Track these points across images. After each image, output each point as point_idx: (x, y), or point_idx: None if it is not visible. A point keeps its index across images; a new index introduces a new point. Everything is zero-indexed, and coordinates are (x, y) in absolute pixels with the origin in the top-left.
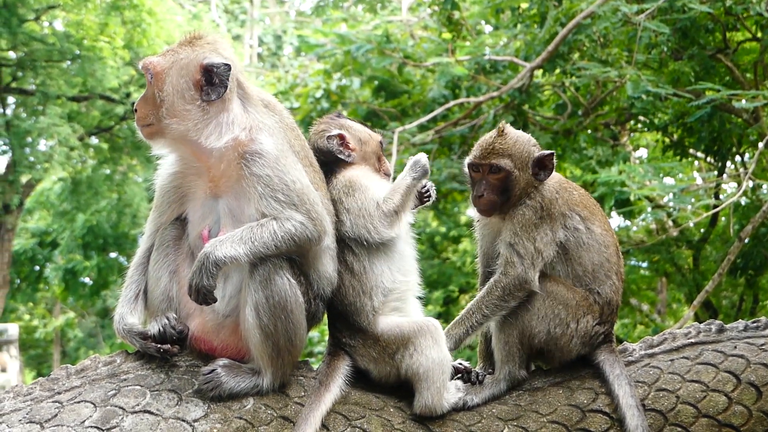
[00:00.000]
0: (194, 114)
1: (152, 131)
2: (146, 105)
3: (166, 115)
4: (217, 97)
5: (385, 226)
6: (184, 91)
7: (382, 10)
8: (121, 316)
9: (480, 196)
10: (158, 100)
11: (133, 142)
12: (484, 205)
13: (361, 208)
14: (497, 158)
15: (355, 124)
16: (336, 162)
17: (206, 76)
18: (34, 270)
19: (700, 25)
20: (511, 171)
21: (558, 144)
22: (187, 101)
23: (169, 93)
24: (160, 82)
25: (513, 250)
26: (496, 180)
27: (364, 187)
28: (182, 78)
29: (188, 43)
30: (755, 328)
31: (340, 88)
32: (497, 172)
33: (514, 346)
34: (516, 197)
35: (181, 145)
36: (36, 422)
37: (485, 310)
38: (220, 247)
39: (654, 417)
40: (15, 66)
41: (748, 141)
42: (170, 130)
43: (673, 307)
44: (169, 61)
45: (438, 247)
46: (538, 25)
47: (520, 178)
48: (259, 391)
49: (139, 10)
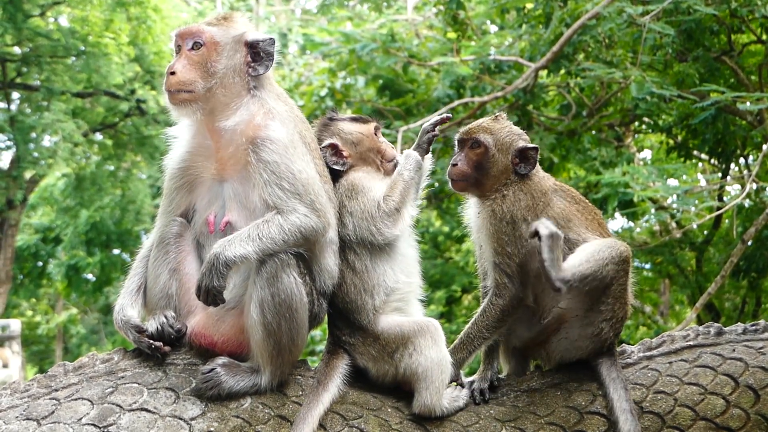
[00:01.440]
0: (236, 89)
1: (189, 98)
2: (192, 71)
3: (218, 86)
4: (264, 71)
5: (388, 226)
6: (237, 65)
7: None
8: (122, 307)
9: (454, 165)
10: (211, 70)
11: (137, 138)
12: (456, 174)
13: (364, 211)
14: (480, 134)
15: (346, 125)
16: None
17: (252, 52)
18: (37, 266)
19: (705, 27)
20: (490, 148)
21: (562, 144)
22: (236, 76)
23: (225, 66)
24: (216, 53)
25: (501, 271)
26: (474, 155)
27: (366, 189)
28: (238, 54)
29: (224, 20)
30: (754, 331)
31: (344, 87)
32: (476, 147)
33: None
34: (490, 180)
35: (205, 118)
36: (33, 419)
37: (486, 333)
38: (229, 247)
39: (652, 419)
40: (20, 61)
41: (753, 143)
42: (213, 102)
43: (676, 309)
44: (224, 34)
45: (441, 246)
46: (543, 25)
47: (497, 160)
48: (258, 390)
49: (145, 7)
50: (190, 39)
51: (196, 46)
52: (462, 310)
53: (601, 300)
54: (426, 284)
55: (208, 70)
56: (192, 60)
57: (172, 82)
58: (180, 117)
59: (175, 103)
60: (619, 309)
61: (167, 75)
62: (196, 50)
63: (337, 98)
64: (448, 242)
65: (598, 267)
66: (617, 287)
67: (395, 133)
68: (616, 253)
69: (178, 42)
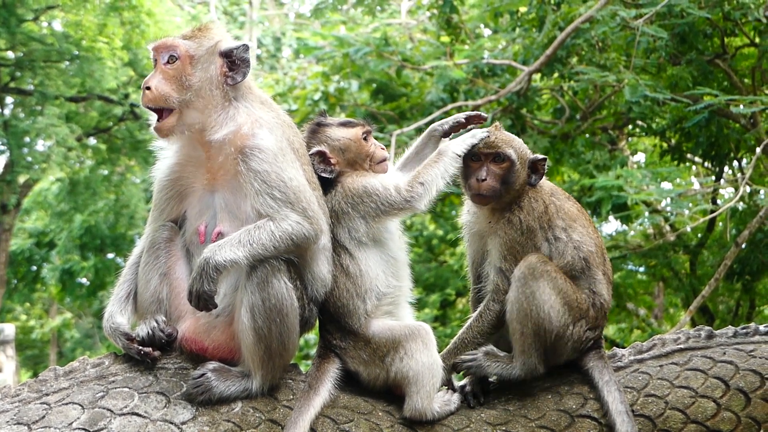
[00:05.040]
0: (213, 100)
1: (169, 117)
2: (167, 85)
3: (193, 98)
4: (242, 78)
5: (412, 201)
6: (213, 77)
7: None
8: (111, 314)
9: (483, 180)
10: (185, 83)
11: (131, 143)
12: (487, 189)
13: (380, 204)
14: (504, 147)
15: (333, 132)
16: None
17: (228, 61)
18: (31, 270)
19: (698, 31)
20: (515, 162)
21: (556, 148)
22: (213, 87)
23: (200, 78)
24: (190, 66)
25: (504, 277)
26: (500, 169)
27: (371, 187)
28: (213, 65)
29: (199, 31)
30: (745, 334)
31: (338, 91)
32: (502, 162)
33: (530, 337)
34: (512, 193)
35: (189, 132)
36: (24, 424)
37: (480, 338)
38: (219, 252)
39: (642, 423)
40: (13, 66)
41: (746, 146)
42: (192, 115)
43: (670, 312)
44: (198, 46)
45: (435, 250)
46: (536, 29)
47: (520, 173)
48: (249, 395)
49: (138, 11)
50: (165, 53)
51: (171, 60)
52: (456, 314)
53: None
54: (420, 288)
55: (183, 84)
56: (167, 74)
57: (147, 96)
58: (166, 136)
59: (159, 126)
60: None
61: (143, 90)
62: (171, 63)
63: (330, 102)
64: (442, 246)
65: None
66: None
67: (389, 137)
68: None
69: (155, 56)
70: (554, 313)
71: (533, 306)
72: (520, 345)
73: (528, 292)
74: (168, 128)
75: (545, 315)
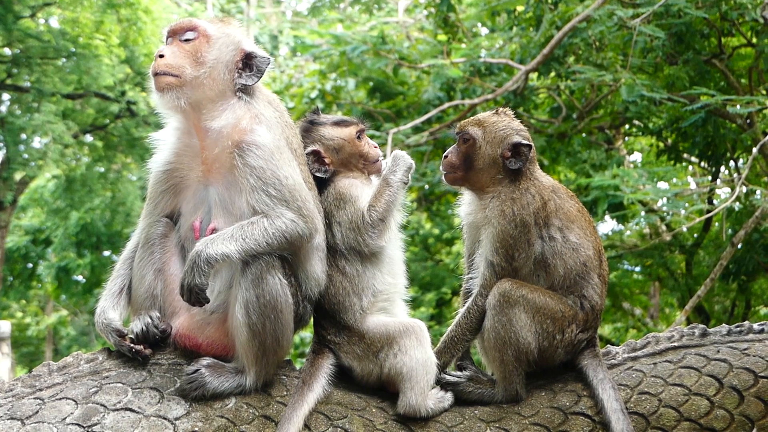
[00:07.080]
0: (222, 86)
1: (175, 83)
2: (182, 57)
3: (206, 76)
4: (249, 82)
5: (373, 238)
6: (228, 63)
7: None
8: (103, 310)
9: (444, 157)
10: (201, 59)
11: (127, 140)
12: (445, 166)
13: (351, 222)
14: (469, 126)
15: (327, 131)
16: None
17: (245, 60)
18: (27, 267)
19: (695, 30)
20: (477, 140)
21: (552, 147)
22: (226, 72)
23: (216, 58)
24: (207, 44)
25: (493, 271)
26: (464, 148)
27: (352, 199)
28: (231, 52)
29: (219, 20)
30: (738, 332)
31: (335, 89)
32: (466, 141)
33: (510, 365)
34: (477, 173)
35: (188, 106)
36: (17, 419)
37: (469, 335)
38: (211, 245)
39: (636, 420)
40: (10, 63)
41: (742, 146)
42: (199, 93)
43: (666, 312)
44: (219, 29)
45: (431, 249)
46: (533, 28)
47: (484, 152)
48: (243, 391)
49: (135, 9)
50: (182, 32)
51: (188, 38)
52: (452, 312)
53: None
54: (416, 286)
55: (197, 59)
56: (183, 48)
57: (159, 63)
58: (164, 106)
59: (160, 88)
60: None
61: (156, 58)
62: (188, 42)
63: (327, 100)
64: (438, 244)
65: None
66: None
67: (385, 135)
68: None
69: (170, 36)
70: (532, 336)
71: (511, 333)
72: (500, 372)
73: (504, 320)
74: (167, 84)
75: (524, 340)
